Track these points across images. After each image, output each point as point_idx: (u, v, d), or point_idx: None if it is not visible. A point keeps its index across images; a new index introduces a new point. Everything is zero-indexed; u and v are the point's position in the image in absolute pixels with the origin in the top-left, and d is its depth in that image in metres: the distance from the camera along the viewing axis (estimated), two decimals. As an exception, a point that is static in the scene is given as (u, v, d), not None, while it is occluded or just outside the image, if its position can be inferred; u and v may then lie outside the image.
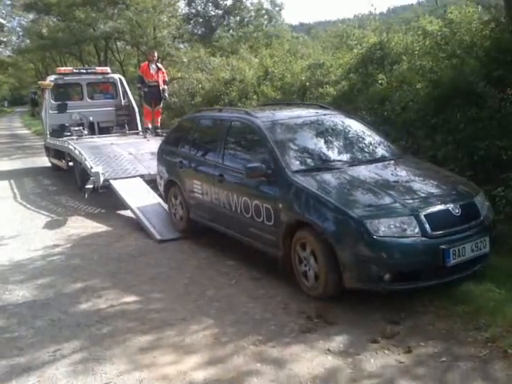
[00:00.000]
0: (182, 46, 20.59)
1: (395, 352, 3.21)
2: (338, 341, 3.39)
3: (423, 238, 3.66)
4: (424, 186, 4.21)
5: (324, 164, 4.52)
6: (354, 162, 4.57)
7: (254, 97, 10.64)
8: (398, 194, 3.95)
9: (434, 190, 4.14)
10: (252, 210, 4.59)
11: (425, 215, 3.72)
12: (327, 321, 3.65)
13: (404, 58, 7.27)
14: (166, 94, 10.85)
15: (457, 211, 3.85)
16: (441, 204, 3.88)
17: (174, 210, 6.22)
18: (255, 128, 4.87)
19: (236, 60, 13.62)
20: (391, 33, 8.34)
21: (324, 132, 4.95)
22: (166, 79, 11.04)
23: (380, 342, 3.32)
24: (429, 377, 2.94)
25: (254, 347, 3.37)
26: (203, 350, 3.38)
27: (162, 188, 6.59)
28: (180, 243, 5.78)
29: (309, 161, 4.56)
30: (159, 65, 11.10)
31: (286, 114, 5.30)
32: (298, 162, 4.49)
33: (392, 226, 3.67)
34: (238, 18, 27.17)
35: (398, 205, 3.83)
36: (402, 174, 4.40)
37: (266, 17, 28.35)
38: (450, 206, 3.86)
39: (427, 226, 3.68)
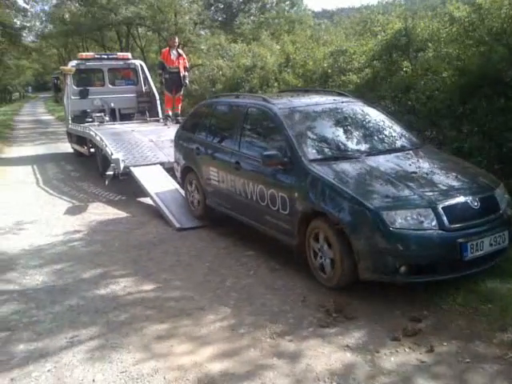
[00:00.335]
0: (202, 32, 20.44)
1: (416, 350, 3.12)
2: (357, 337, 3.32)
3: (440, 231, 3.58)
4: (443, 178, 4.10)
5: (341, 153, 4.45)
6: (372, 152, 4.48)
7: (275, 84, 10.49)
8: (416, 186, 3.87)
9: (452, 182, 4.03)
10: (268, 198, 4.57)
11: (443, 207, 3.64)
12: (346, 316, 3.58)
13: (430, 44, 7.03)
14: (187, 81, 10.79)
15: (476, 204, 3.75)
16: (459, 196, 3.79)
17: (190, 196, 6.25)
18: (272, 115, 4.82)
19: (257, 47, 13.45)
20: (417, 19, 8.09)
21: (342, 120, 4.85)
22: (187, 65, 10.97)
23: (401, 340, 3.24)
24: (451, 378, 2.85)
25: (271, 340, 3.33)
26: (219, 341, 3.35)
27: (178, 174, 6.62)
28: (199, 231, 5.76)
29: (326, 149, 4.49)
30: (180, 51, 11.03)
31: (303, 101, 5.21)
32: (314, 151, 4.43)
33: (409, 218, 3.60)
34: (259, 3, 26.81)
35: (415, 196, 3.75)
36: (421, 164, 4.28)
37: (287, 2, 27.90)
38: (469, 199, 3.76)
39: (445, 218, 3.60)
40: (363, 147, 4.57)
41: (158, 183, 6.94)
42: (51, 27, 29.31)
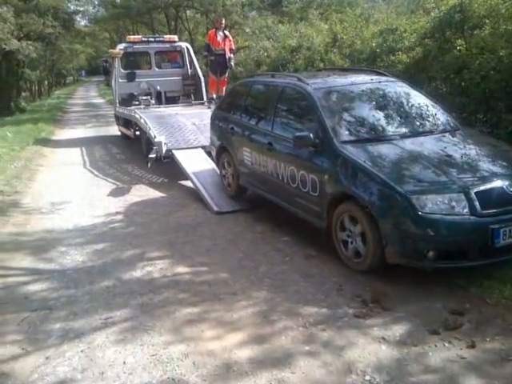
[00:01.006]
0: (250, 14, 20.17)
1: (457, 346, 2.95)
2: (394, 329, 3.17)
3: (472, 217, 3.49)
4: (479, 162, 3.97)
5: (374, 135, 4.36)
6: (406, 134, 4.39)
7: (321, 65, 10.19)
8: (449, 169, 3.78)
9: (489, 166, 3.90)
10: (298, 179, 4.56)
11: (475, 192, 3.54)
12: (383, 307, 3.44)
13: (487, 21, 6.57)
14: (232, 63, 10.68)
15: (511, 189, 3.61)
16: (495, 181, 3.68)
17: (224, 175, 6.31)
18: (305, 95, 4.74)
19: (304, 27, 13.13)
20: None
21: (377, 101, 4.75)
22: (233, 47, 10.86)
23: (440, 334, 3.07)
24: (493, 376, 2.67)
25: (304, 329, 3.24)
26: (250, 327, 3.30)
27: (214, 153, 6.68)
28: (237, 215, 5.72)
29: (359, 131, 4.40)
30: (226, 32, 10.89)
31: (339, 81, 5.12)
32: (347, 132, 4.36)
33: (440, 203, 3.53)
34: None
35: (447, 180, 3.67)
36: (457, 147, 4.17)
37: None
38: (505, 184, 3.64)
39: (477, 203, 3.50)
40: (398, 129, 4.47)
41: (198, 166, 6.97)
42: (103, 11, 29.93)
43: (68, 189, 7.34)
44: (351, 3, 17.79)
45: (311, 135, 4.35)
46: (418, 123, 4.57)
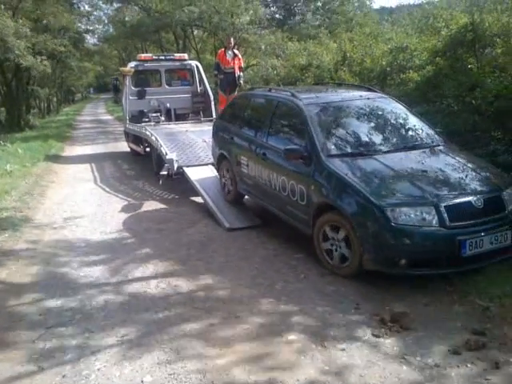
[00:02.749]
0: (259, 32, 20.38)
1: (480, 367, 2.90)
2: (415, 349, 3.12)
3: (441, 229, 3.77)
4: (453, 177, 4.23)
5: (358, 150, 4.62)
6: (389, 149, 4.64)
7: (330, 82, 10.27)
8: (424, 184, 4.05)
9: (461, 182, 4.17)
10: (289, 189, 4.88)
11: (445, 206, 3.82)
12: (403, 326, 3.39)
13: (498, 40, 6.61)
14: (242, 81, 10.78)
15: (479, 204, 3.89)
16: (464, 196, 3.95)
17: (224, 182, 6.65)
18: (297, 110, 5.04)
19: (314, 45, 13.25)
20: (484, 13, 7.63)
21: (364, 117, 5.06)
22: (242, 66, 10.96)
23: (462, 354, 3.02)
24: (520, 400, 2.61)
25: (322, 348, 3.20)
26: (268, 346, 3.25)
27: (215, 161, 7.01)
28: (248, 232, 5.69)
29: (344, 146, 4.69)
30: (236, 51, 11.03)
31: (330, 97, 5.42)
32: (333, 147, 4.64)
33: (411, 215, 3.80)
34: (319, 3, 26.30)
35: (420, 195, 3.94)
36: (435, 163, 4.44)
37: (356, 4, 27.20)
38: (473, 199, 3.91)
39: (446, 216, 3.78)
40: (381, 144, 4.73)
41: (209, 183, 6.98)
42: (112, 30, 30.36)
43: (79, 205, 7.36)
44: (361, 24, 18.01)
45: (300, 148, 4.69)
46: (400, 139, 4.86)
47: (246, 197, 6.40)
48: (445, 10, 9.91)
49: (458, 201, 3.90)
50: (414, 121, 5.14)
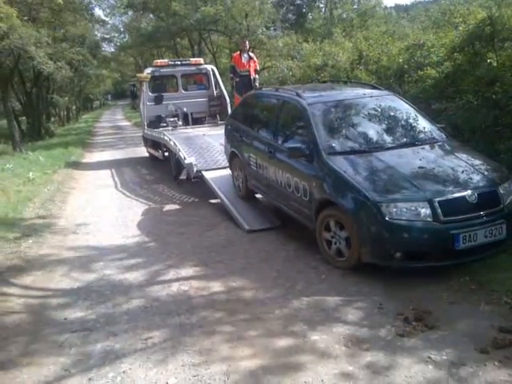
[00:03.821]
0: (273, 33, 20.39)
1: (508, 366, 2.85)
2: (440, 348, 3.08)
3: (435, 223, 3.88)
4: (449, 173, 4.29)
5: (359, 147, 4.73)
6: (388, 146, 4.74)
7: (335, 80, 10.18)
8: (419, 180, 4.14)
9: (457, 177, 4.23)
10: (293, 185, 5.07)
11: (439, 201, 3.91)
12: (427, 325, 3.35)
13: (518, 33, 6.48)
14: (257, 84, 10.76)
15: (473, 198, 3.97)
16: (458, 191, 4.03)
17: (236, 179, 6.90)
18: (301, 108, 5.19)
19: (328, 45, 13.18)
20: (503, 7, 7.49)
21: (366, 114, 5.15)
22: (258, 68, 10.97)
23: (490, 353, 2.97)
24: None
25: (346, 348, 3.18)
26: (291, 347, 3.24)
27: (227, 158, 7.25)
28: (268, 234, 5.69)
29: (345, 144, 4.80)
30: (251, 54, 11.04)
31: (333, 96, 5.51)
32: (334, 145, 4.76)
33: (406, 210, 3.93)
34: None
35: (415, 190, 4.03)
36: (433, 159, 4.52)
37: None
38: (467, 194, 3.99)
39: (439, 211, 3.88)
40: (381, 142, 4.83)
41: (227, 186, 7.03)
42: (128, 38, 30.69)
43: (101, 210, 7.45)
44: (375, 21, 17.84)
45: (303, 147, 4.84)
46: (401, 136, 4.96)
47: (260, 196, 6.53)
48: (462, 5, 9.75)
49: (451, 196, 3.99)
50: (416, 117, 5.20)
